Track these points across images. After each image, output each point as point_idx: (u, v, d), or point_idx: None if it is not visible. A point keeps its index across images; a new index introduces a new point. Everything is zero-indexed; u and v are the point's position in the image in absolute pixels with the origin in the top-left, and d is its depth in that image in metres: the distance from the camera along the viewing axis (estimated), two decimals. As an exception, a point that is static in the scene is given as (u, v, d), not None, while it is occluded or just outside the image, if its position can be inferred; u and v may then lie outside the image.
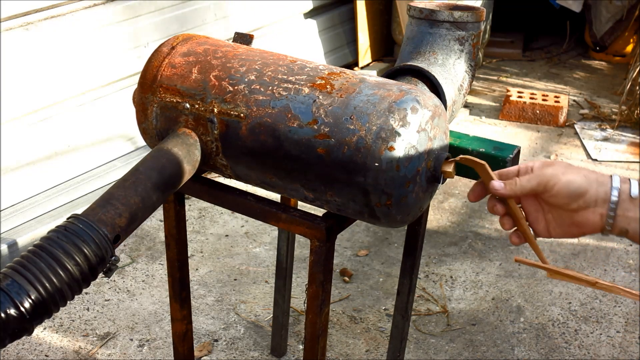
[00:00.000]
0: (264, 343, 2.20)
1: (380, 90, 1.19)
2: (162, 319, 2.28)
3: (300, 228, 1.31)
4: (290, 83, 1.24)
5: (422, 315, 2.34)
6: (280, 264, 1.98)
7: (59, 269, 1.04)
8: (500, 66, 4.51)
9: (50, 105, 2.63)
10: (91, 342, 2.18)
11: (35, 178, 2.62)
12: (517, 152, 1.45)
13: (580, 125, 3.72)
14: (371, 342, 2.22)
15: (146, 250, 2.62)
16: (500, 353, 2.19)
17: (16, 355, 2.11)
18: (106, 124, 2.85)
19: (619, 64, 4.52)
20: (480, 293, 2.45)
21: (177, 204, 1.49)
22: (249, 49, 1.36)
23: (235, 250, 2.65)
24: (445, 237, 2.76)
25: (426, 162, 1.19)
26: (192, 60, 1.32)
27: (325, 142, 1.18)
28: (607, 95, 4.11)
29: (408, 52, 1.52)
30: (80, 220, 1.09)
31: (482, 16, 1.49)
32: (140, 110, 1.35)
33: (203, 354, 2.14)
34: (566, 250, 2.68)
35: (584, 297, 2.43)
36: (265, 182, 1.31)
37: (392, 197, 1.17)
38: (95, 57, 2.74)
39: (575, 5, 4.38)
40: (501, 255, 2.66)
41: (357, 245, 2.69)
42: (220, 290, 2.43)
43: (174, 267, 1.57)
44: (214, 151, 1.30)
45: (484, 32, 3.93)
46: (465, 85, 1.52)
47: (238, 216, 2.81)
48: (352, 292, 2.44)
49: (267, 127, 1.23)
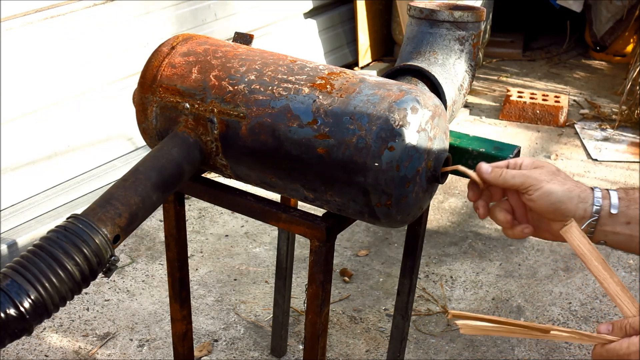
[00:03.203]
0: (264, 343, 2.20)
1: (380, 90, 1.19)
2: (162, 319, 2.27)
3: (300, 228, 1.31)
4: (290, 83, 1.24)
5: (422, 315, 2.34)
6: (280, 264, 1.98)
7: (59, 269, 1.03)
8: (501, 66, 4.51)
9: (50, 105, 2.63)
10: (91, 342, 2.17)
11: (35, 178, 2.62)
12: (517, 152, 1.45)
13: (581, 125, 3.72)
14: (371, 342, 2.22)
15: (146, 250, 2.62)
16: (501, 353, 2.19)
17: (16, 355, 2.10)
18: (106, 124, 2.85)
19: (619, 64, 4.52)
20: (480, 293, 2.45)
21: (177, 204, 1.49)
22: (249, 49, 1.36)
23: (235, 250, 2.65)
24: (445, 237, 2.76)
25: (426, 162, 1.19)
26: (192, 60, 1.32)
27: (325, 142, 1.18)
28: (608, 95, 4.11)
29: (408, 52, 1.52)
30: (80, 220, 1.09)
31: (482, 16, 1.49)
32: (140, 110, 1.35)
33: (203, 354, 2.14)
34: (566, 250, 2.68)
35: (584, 297, 2.43)
36: (265, 182, 1.31)
37: (392, 197, 1.17)
38: (95, 57, 2.74)
39: (575, 5, 4.38)
40: (501, 255, 2.66)
41: (357, 245, 2.69)
42: (220, 290, 2.43)
43: (174, 267, 1.57)
44: (213, 151, 1.30)
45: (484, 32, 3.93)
46: (465, 85, 1.52)
47: (238, 216, 2.81)
48: (352, 292, 2.44)
49: (267, 127, 1.23)
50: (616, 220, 1.04)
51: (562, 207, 1.05)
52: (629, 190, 1.05)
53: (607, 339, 0.95)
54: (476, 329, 0.95)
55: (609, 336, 0.95)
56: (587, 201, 1.04)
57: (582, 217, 1.05)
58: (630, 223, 1.03)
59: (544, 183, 1.05)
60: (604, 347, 0.95)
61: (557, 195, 1.05)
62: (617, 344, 0.93)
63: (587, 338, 0.96)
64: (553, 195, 1.05)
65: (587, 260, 1.00)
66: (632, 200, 1.04)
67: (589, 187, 1.06)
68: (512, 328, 0.96)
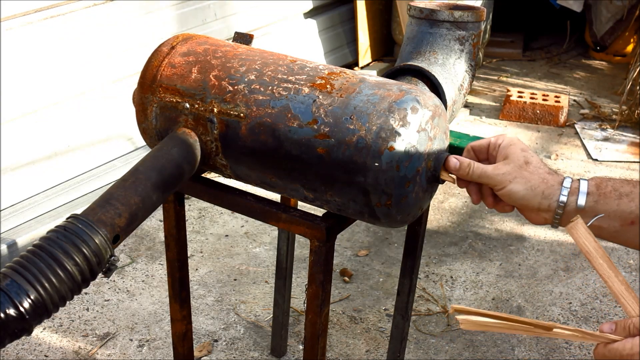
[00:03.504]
0: (264, 343, 2.19)
1: (380, 90, 1.19)
2: (162, 319, 2.27)
3: (300, 228, 1.31)
4: (290, 83, 1.24)
5: (422, 315, 2.34)
6: (280, 264, 1.98)
7: (59, 269, 1.03)
8: (501, 66, 4.51)
9: (50, 105, 2.63)
10: (91, 342, 2.17)
11: (35, 178, 2.62)
12: (518, 152, 1.45)
13: (581, 125, 3.72)
14: (371, 343, 2.22)
15: (146, 250, 2.62)
16: (501, 353, 2.19)
17: (16, 356, 2.10)
18: (106, 124, 2.85)
19: (620, 64, 4.52)
20: (480, 293, 2.45)
21: (177, 204, 1.49)
22: (249, 49, 1.36)
23: (235, 250, 2.65)
24: (445, 237, 2.76)
25: (426, 162, 1.19)
26: (191, 60, 1.32)
27: (325, 142, 1.18)
28: (608, 95, 4.11)
29: (408, 52, 1.51)
30: (80, 220, 1.09)
31: (482, 16, 1.48)
32: (140, 110, 1.35)
33: (203, 354, 2.14)
34: (567, 251, 2.68)
35: (585, 297, 2.43)
36: (265, 182, 1.31)
37: (392, 197, 1.17)
38: (95, 57, 2.74)
39: (576, 5, 4.38)
40: (501, 255, 2.66)
41: (357, 245, 2.69)
42: (220, 290, 2.43)
43: (174, 267, 1.57)
44: (213, 151, 1.30)
45: (484, 32, 3.93)
46: (465, 85, 1.52)
47: (238, 216, 2.81)
48: (352, 292, 2.44)
49: (267, 127, 1.23)
50: (584, 215, 1.05)
51: (525, 204, 1.10)
52: (602, 184, 1.06)
53: (610, 338, 0.94)
54: (477, 324, 0.94)
55: (612, 335, 0.94)
56: (551, 198, 1.08)
57: (547, 210, 1.09)
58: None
59: (506, 183, 1.10)
60: (606, 347, 0.94)
61: (519, 194, 1.09)
62: (620, 344, 0.93)
63: (590, 337, 0.95)
64: (516, 194, 1.10)
65: (592, 257, 0.99)
66: (602, 195, 1.05)
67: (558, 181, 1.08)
68: (514, 324, 0.95)
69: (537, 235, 2.77)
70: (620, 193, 1.04)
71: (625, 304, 0.97)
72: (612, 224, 1.04)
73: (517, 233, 2.78)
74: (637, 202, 1.02)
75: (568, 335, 0.95)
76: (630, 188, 1.04)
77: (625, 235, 1.04)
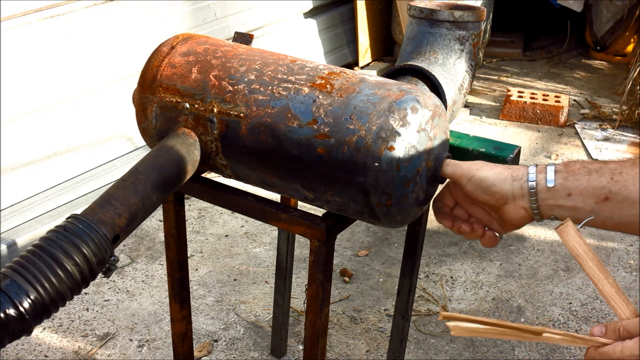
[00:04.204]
0: (263, 343, 2.19)
1: (380, 90, 1.19)
2: (162, 319, 2.27)
3: (300, 228, 1.31)
4: (290, 83, 1.24)
5: (422, 315, 2.33)
6: (280, 264, 1.98)
7: (58, 269, 1.03)
8: (501, 66, 4.51)
9: (50, 105, 2.63)
10: (90, 342, 2.17)
11: (34, 178, 2.62)
12: (518, 152, 1.45)
13: (581, 125, 3.72)
14: (371, 343, 2.22)
15: (146, 250, 2.62)
16: (501, 353, 2.18)
17: (15, 356, 2.10)
18: (106, 124, 2.85)
19: (620, 64, 4.52)
20: (480, 293, 2.45)
21: (177, 204, 1.49)
22: (249, 49, 1.36)
23: (235, 250, 2.65)
24: (445, 237, 2.76)
25: (426, 162, 1.19)
26: (191, 60, 1.32)
27: (325, 142, 1.18)
28: (608, 95, 4.11)
29: (408, 51, 1.51)
30: (80, 220, 1.09)
31: (482, 16, 1.48)
32: (140, 110, 1.35)
33: (203, 355, 2.14)
34: (567, 251, 2.67)
35: (585, 297, 2.43)
36: (265, 182, 1.30)
37: (392, 197, 1.16)
38: (95, 57, 2.74)
39: (576, 5, 4.38)
40: (501, 255, 2.65)
41: (357, 245, 2.69)
42: (220, 290, 2.42)
43: (174, 267, 1.57)
44: (213, 151, 1.30)
45: (484, 31, 3.93)
46: (465, 85, 1.52)
47: (238, 216, 2.81)
48: (352, 292, 2.44)
49: (267, 127, 1.23)
50: (556, 194, 1.04)
51: (497, 190, 1.09)
52: (570, 163, 1.06)
53: (600, 341, 0.94)
54: (467, 330, 0.94)
55: (602, 339, 0.94)
56: (521, 178, 1.07)
57: (520, 195, 1.07)
58: (572, 195, 1.03)
59: (474, 171, 1.10)
60: (597, 350, 0.94)
61: (489, 181, 1.09)
62: (610, 348, 0.93)
63: (580, 341, 0.95)
64: (485, 182, 1.09)
65: (582, 260, 0.99)
66: (571, 172, 1.04)
67: (523, 166, 1.09)
68: (503, 330, 0.95)
69: (537, 236, 2.77)
70: (589, 169, 1.03)
71: (615, 306, 0.97)
72: (587, 201, 1.03)
73: (517, 233, 2.78)
74: (607, 177, 1.01)
75: (558, 339, 0.95)
76: (599, 165, 1.03)
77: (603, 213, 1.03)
